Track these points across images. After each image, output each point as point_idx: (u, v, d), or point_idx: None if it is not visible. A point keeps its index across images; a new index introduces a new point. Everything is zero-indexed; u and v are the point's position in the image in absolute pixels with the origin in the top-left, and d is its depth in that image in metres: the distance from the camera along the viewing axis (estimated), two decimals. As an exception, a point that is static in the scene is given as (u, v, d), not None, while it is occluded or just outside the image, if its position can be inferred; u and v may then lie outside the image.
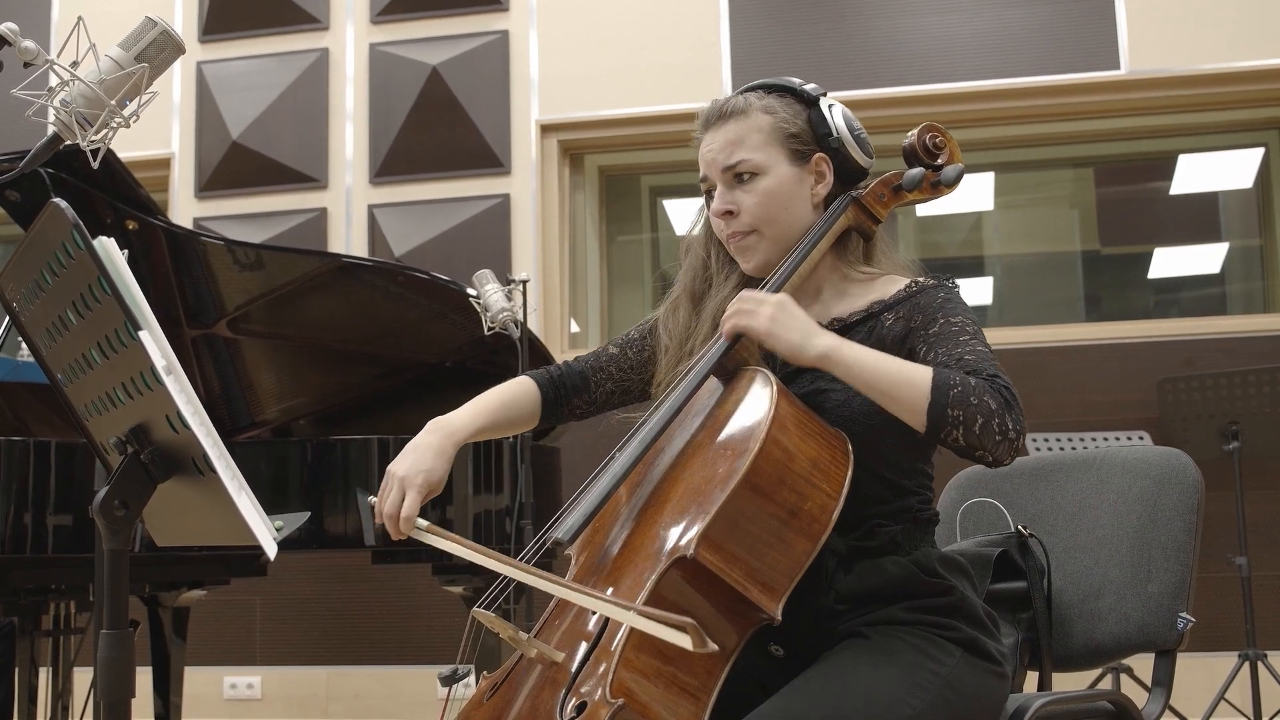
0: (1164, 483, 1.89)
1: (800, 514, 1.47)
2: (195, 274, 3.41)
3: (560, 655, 1.47)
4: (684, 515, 1.47)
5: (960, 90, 4.86)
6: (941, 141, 1.78)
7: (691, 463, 1.55)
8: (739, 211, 1.71)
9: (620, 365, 1.86)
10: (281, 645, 5.00)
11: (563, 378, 1.85)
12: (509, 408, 1.81)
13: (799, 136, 1.72)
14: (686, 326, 1.79)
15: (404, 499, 1.61)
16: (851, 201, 1.74)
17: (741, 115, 1.72)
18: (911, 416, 1.50)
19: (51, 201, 1.24)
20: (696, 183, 1.77)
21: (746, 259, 1.74)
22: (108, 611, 1.28)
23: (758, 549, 1.45)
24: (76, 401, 1.44)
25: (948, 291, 1.67)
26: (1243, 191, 5.40)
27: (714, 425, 1.57)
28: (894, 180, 1.76)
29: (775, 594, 1.45)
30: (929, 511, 1.67)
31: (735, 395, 1.59)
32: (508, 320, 3.20)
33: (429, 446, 1.68)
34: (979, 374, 1.51)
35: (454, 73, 5.21)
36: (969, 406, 1.47)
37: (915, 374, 1.50)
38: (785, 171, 1.71)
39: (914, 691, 1.49)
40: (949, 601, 1.58)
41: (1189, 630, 1.81)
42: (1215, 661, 4.16)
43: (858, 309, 1.70)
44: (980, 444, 1.48)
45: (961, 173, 1.74)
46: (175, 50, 1.41)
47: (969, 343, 1.58)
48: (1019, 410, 1.50)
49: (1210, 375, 4.21)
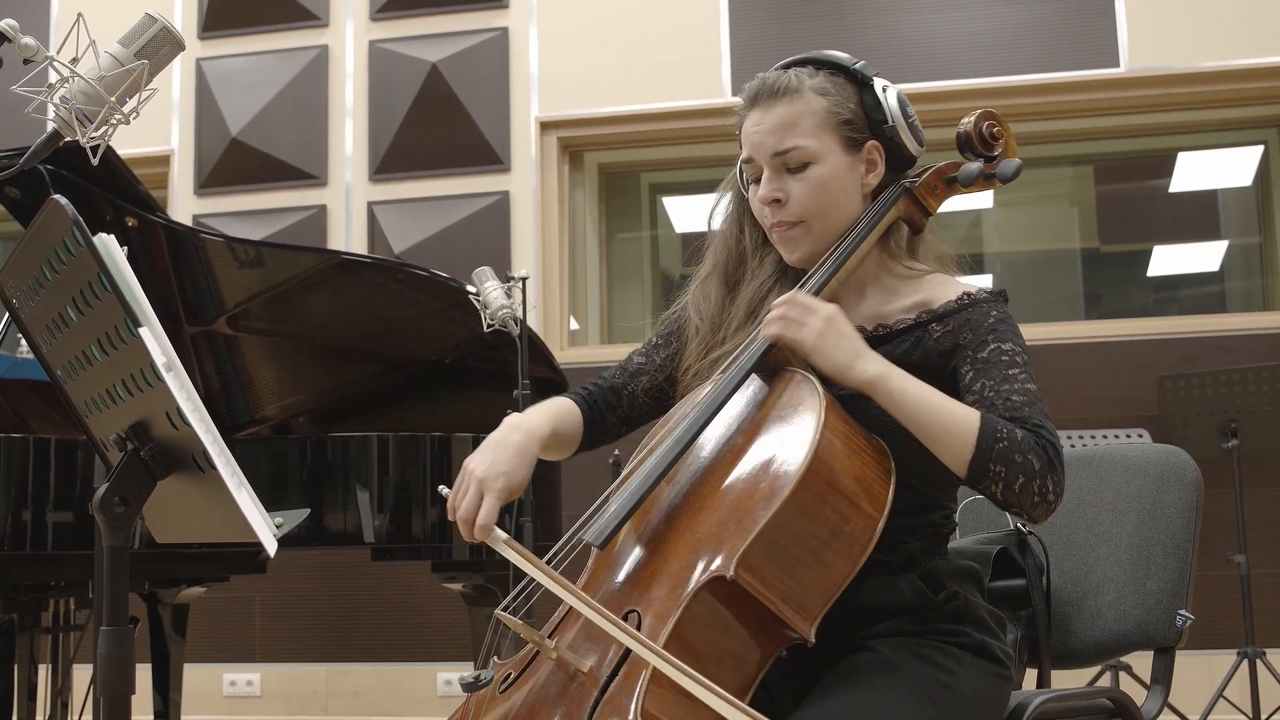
0: (1163, 480, 1.89)
1: (842, 535, 1.41)
2: (195, 271, 3.41)
3: (587, 664, 1.40)
4: (723, 531, 1.40)
5: (960, 88, 4.85)
6: (999, 131, 1.68)
7: (731, 470, 1.47)
8: (787, 200, 1.62)
9: (650, 373, 1.78)
10: (281, 642, 5.00)
11: (594, 395, 1.78)
12: (567, 418, 1.72)
13: (853, 123, 1.63)
14: (719, 309, 1.71)
15: (481, 502, 1.52)
16: (903, 192, 1.65)
17: (794, 95, 1.62)
18: (952, 462, 1.46)
19: (51, 198, 1.24)
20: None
21: (790, 250, 1.65)
22: (107, 608, 1.28)
23: (796, 569, 1.39)
24: (76, 398, 1.44)
25: (1001, 311, 1.60)
26: (1242, 189, 5.40)
27: (755, 431, 1.50)
28: (949, 171, 1.68)
29: (810, 615, 1.40)
30: (949, 526, 1.64)
31: (780, 400, 1.51)
32: (507, 317, 3.20)
33: (510, 445, 1.57)
34: (1026, 422, 1.47)
35: (454, 70, 5.21)
36: (1012, 464, 1.43)
37: (961, 420, 1.46)
38: (838, 160, 1.62)
39: (924, 705, 1.46)
40: (955, 608, 1.56)
41: (1188, 628, 1.82)
42: (1214, 659, 4.16)
43: (904, 314, 1.63)
44: (1018, 502, 1.45)
45: (1019, 169, 1.64)
46: (175, 47, 1.41)
47: (1018, 377, 1.52)
48: (1061, 471, 1.46)
49: (1209, 373, 4.22)
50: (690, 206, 5.96)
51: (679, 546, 1.44)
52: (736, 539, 1.37)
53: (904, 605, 1.54)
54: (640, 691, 1.31)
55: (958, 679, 1.50)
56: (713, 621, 1.37)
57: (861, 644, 1.52)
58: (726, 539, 1.39)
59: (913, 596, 1.54)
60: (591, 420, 1.77)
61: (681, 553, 1.43)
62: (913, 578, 1.55)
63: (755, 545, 1.36)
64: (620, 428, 1.80)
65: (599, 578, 1.53)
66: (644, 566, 1.47)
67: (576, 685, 1.40)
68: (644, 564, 1.48)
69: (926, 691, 1.47)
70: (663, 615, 1.37)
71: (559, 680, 1.43)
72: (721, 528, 1.41)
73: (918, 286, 1.65)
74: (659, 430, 1.62)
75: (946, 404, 1.48)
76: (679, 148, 5.37)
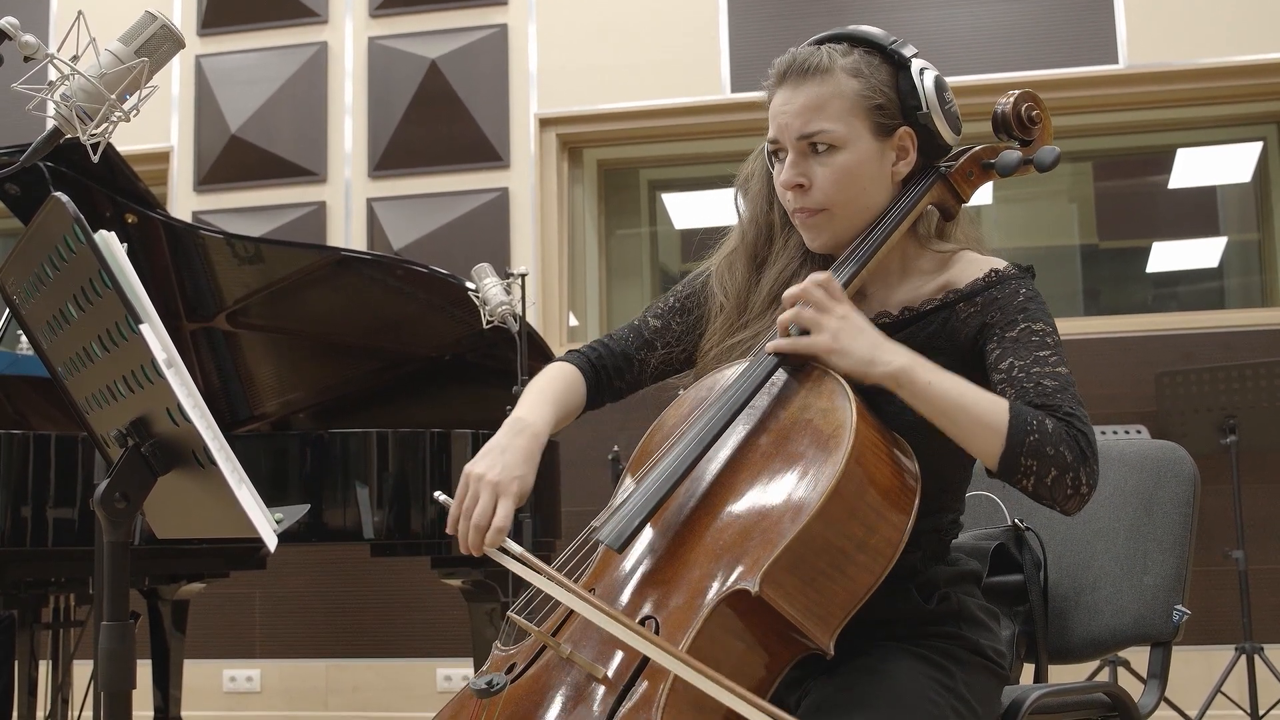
0: (1161, 476, 1.90)
1: (867, 548, 1.36)
2: (194, 267, 3.42)
3: (601, 671, 1.34)
4: (747, 541, 1.35)
5: (959, 85, 4.82)
6: (1039, 115, 1.62)
7: (756, 476, 1.42)
8: (810, 186, 1.55)
9: (665, 338, 1.71)
10: (281, 638, 5.01)
11: (601, 359, 1.70)
12: (569, 395, 1.64)
13: (885, 108, 1.55)
14: (744, 287, 1.65)
15: (496, 507, 1.44)
16: (938, 178, 1.59)
17: (824, 75, 1.54)
18: (982, 455, 1.42)
19: (53, 196, 1.24)
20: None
21: (813, 237, 1.59)
22: (108, 604, 1.29)
23: (819, 582, 1.34)
24: (77, 395, 1.44)
25: (1030, 289, 1.55)
26: (1241, 186, 5.41)
27: (782, 436, 1.43)
28: (986, 157, 1.61)
29: (830, 628, 1.35)
30: (955, 530, 1.62)
31: (808, 403, 1.44)
32: (506, 314, 3.20)
33: (519, 450, 1.50)
34: (1057, 411, 1.42)
35: (453, 66, 5.21)
36: (1044, 458, 1.39)
37: (991, 413, 1.41)
38: (867, 147, 1.55)
39: (924, 708, 1.44)
40: (948, 608, 1.55)
41: (1185, 623, 1.82)
42: (1212, 655, 4.17)
43: (931, 294, 1.58)
44: (1051, 496, 1.41)
45: (1059, 157, 1.57)
46: (175, 44, 1.41)
47: (1049, 360, 1.47)
48: (1095, 463, 1.42)
49: (1208, 369, 4.22)
50: (689, 203, 5.96)
51: (699, 554, 1.39)
52: (761, 551, 1.32)
53: (896, 616, 1.51)
54: (660, 703, 1.27)
55: (956, 680, 1.49)
56: (731, 632, 1.34)
57: (858, 648, 1.48)
58: (750, 550, 1.34)
59: (905, 606, 1.52)
60: (596, 385, 1.70)
61: (702, 560, 1.37)
62: (909, 588, 1.53)
63: (781, 560, 1.31)
64: (625, 391, 1.74)
65: (607, 577, 1.47)
66: (660, 570, 1.42)
67: (591, 690, 1.35)
68: (660, 568, 1.42)
69: (926, 694, 1.45)
70: (682, 625, 1.33)
71: (572, 682, 1.38)
72: (745, 538, 1.35)
73: (944, 267, 1.60)
74: (672, 420, 1.57)
75: (974, 395, 1.43)
76: (678, 144, 5.37)
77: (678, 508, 1.45)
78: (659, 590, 1.39)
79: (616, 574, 1.46)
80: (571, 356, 1.71)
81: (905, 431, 1.46)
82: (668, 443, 1.49)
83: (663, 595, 1.38)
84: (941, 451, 1.48)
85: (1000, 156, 1.60)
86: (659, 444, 1.52)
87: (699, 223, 5.86)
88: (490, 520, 1.43)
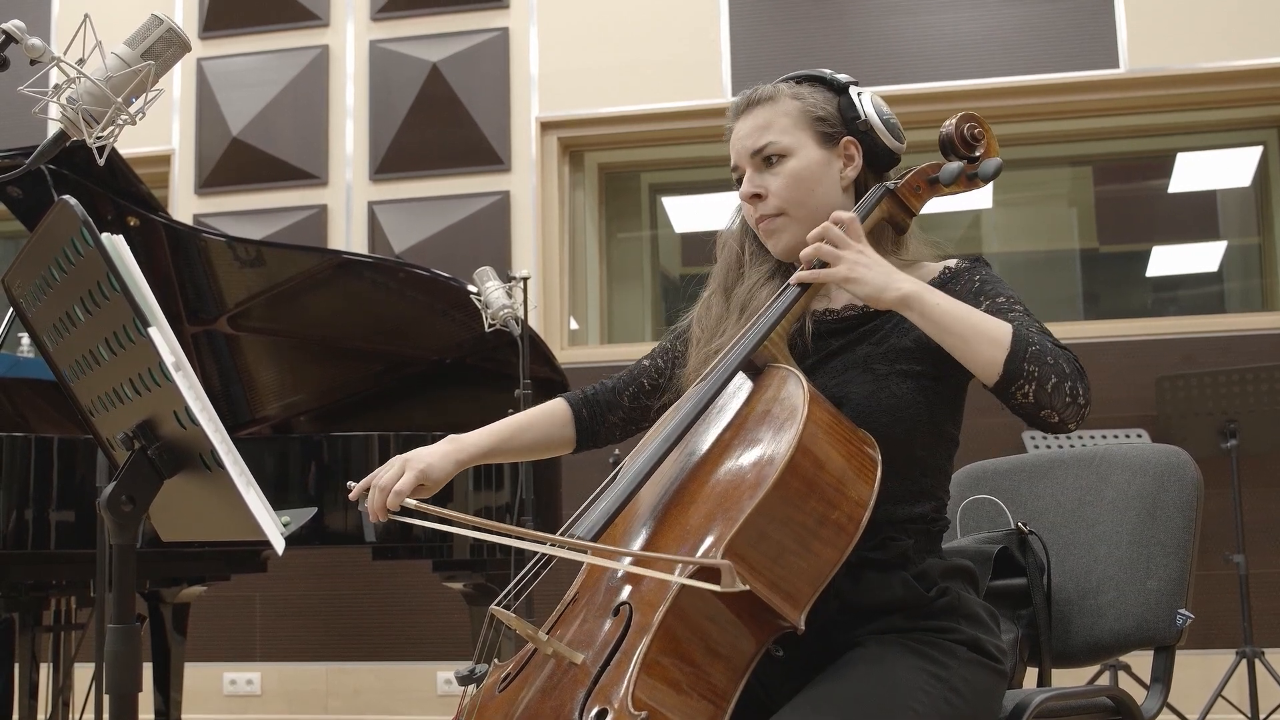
0: (1163, 480, 1.90)
1: (828, 523, 1.43)
2: (196, 270, 3.42)
3: (580, 657, 1.42)
4: (711, 522, 1.43)
5: (959, 88, 4.86)
6: (980, 132, 1.73)
7: (718, 465, 1.51)
8: (766, 194, 1.69)
9: (651, 374, 1.86)
10: (281, 641, 5.01)
11: (595, 395, 1.86)
12: (526, 430, 1.81)
13: (826, 120, 1.71)
14: (719, 319, 1.77)
15: (402, 475, 1.62)
16: (886, 194, 1.70)
17: (770, 101, 1.72)
18: (986, 366, 1.50)
19: (61, 199, 1.25)
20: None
21: (774, 241, 1.72)
22: (115, 606, 1.29)
23: (783, 557, 1.41)
24: (83, 397, 1.44)
25: (984, 272, 1.67)
26: (1241, 190, 5.41)
27: (741, 425, 1.54)
28: (930, 172, 1.72)
29: (799, 603, 1.41)
30: (941, 523, 1.66)
31: (765, 395, 1.54)
32: (508, 317, 3.20)
33: (435, 449, 1.70)
34: (1048, 338, 1.53)
35: (454, 70, 5.22)
36: (1045, 365, 1.49)
37: (994, 324, 1.51)
38: (813, 153, 1.70)
39: (916, 697, 1.48)
40: (947, 603, 1.58)
41: (1187, 627, 1.82)
42: (1213, 659, 4.17)
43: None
44: (1050, 403, 1.49)
45: (1000, 167, 1.69)
46: (181, 48, 1.41)
47: (1022, 319, 1.57)
48: (1088, 381, 1.52)
49: (1208, 373, 4.22)
50: (690, 206, 5.97)
51: (668, 539, 1.47)
52: (724, 528, 1.40)
53: (897, 603, 1.56)
54: (631, 679, 1.33)
55: (950, 672, 1.52)
56: (702, 611, 1.39)
57: (855, 641, 1.54)
58: (714, 528, 1.41)
59: (905, 594, 1.56)
60: (590, 420, 1.84)
61: (671, 545, 1.45)
62: (905, 575, 1.57)
63: (742, 533, 1.38)
64: (623, 427, 1.88)
65: (592, 573, 1.57)
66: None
67: (570, 678, 1.41)
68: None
69: (919, 684, 1.49)
70: (653, 604, 1.39)
71: (554, 674, 1.45)
72: (709, 519, 1.44)
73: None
74: (654, 428, 1.65)
75: (979, 314, 1.54)
76: (679, 148, 5.37)
77: (650, 503, 1.55)
78: (633, 577, 1.47)
79: (596, 568, 1.56)
80: (570, 394, 1.87)
81: (877, 415, 1.56)
82: (641, 445, 1.59)
83: (636, 581, 1.46)
84: (919, 434, 1.59)
85: (943, 169, 1.70)
86: (639, 448, 1.62)
87: (700, 226, 5.87)
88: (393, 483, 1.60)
